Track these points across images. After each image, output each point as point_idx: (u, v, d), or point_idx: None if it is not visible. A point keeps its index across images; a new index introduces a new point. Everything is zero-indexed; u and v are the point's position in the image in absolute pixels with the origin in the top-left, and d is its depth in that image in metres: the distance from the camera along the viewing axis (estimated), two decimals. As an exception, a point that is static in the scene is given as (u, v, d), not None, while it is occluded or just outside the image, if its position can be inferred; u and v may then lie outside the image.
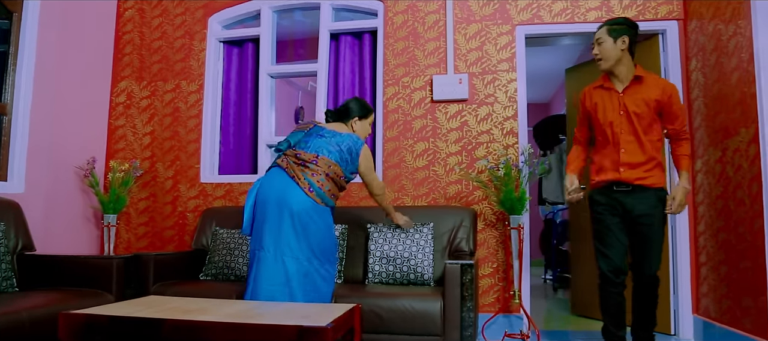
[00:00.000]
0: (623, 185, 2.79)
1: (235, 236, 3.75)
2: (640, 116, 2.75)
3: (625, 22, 2.83)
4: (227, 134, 4.44)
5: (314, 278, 2.79)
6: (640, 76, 2.80)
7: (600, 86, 2.92)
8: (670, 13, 3.81)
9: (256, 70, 4.43)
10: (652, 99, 2.75)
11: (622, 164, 2.78)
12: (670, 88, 2.79)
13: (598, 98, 2.89)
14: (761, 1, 2.91)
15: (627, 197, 2.78)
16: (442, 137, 4.02)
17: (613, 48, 2.79)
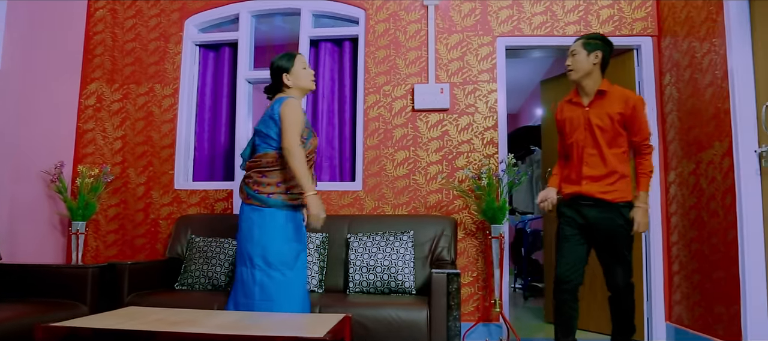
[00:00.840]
0: (586, 198, 2.83)
1: (212, 245, 3.65)
2: (603, 130, 2.80)
3: (600, 39, 2.91)
4: (202, 140, 4.33)
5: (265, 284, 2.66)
6: (603, 90, 2.85)
7: (569, 100, 2.99)
8: (644, 30, 3.94)
9: (232, 75, 4.35)
10: (615, 112, 2.79)
11: (584, 178, 2.83)
12: (634, 100, 2.82)
13: (567, 113, 2.96)
14: (735, 21, 3.03)
15: (591, 210, 2.82)
16: (422, 146, 4.03)
17: (586, 61, 2.85)
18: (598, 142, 2.81)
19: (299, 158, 2.61)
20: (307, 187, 2.60)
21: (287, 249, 2.69)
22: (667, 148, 3.82)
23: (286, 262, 2.68)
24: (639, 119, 2.81)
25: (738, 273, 2.96)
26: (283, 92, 2.82)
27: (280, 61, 2.80)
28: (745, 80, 3.00)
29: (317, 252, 3.55)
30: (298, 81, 2.80)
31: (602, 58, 2.86)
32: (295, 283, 2.71)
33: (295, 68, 2.80)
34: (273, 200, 2.69)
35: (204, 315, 2.38)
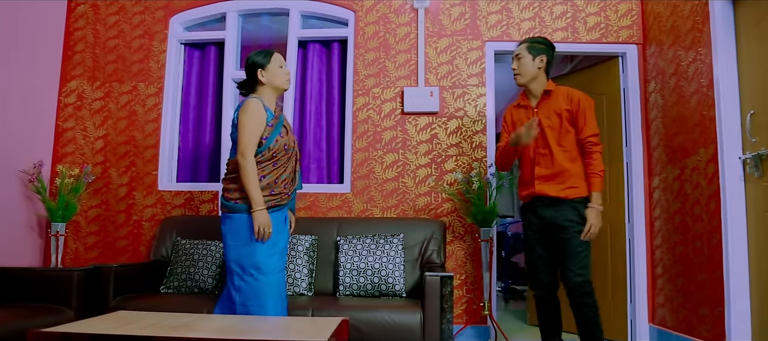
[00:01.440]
0: (541, 198, 2.87)
1: (198, 247, 3.59)
2: (552, 128, 2.85)
3: (544, 42, 2.96)
4: (186, 140, 4.25)
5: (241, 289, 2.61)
6: (549, 90, 2.92)
7: (517, 104, 3.04)
8: (630, 38, 4.02)
9: (218, 74, 4.28)
10: (562, 109, 2.85)
11: (536, 178, 2.87)
12: (578, 96, 2.87)
13: (517, 117, 3.02)
14: (721, 31, 3.12)
15: (547, 209, 2.86)
16: (411, 149, 4.03)
17: (532, 65, 2.91)
18: (548, 141, 2.85)
19: (246, 166, 2.55)
20: (254, 199, 2.54)
21: (259, 254, 2.60)
22: (651, 154, 3.91)
23: (258, 266, 2.60)
24: (584, 114, 2.85)
25: (723, 276, 3.04)
26: (256, 90, 2.74)
27: (256, 57, 2.72)
28: (730, 89, 3.09)
29: (306, 255, 3.51)
30: (273, 79, 2.72)
31: (547, 62, 2.93)
32: (269, 288, 2.62)
33: (271, 65, 2.71)
34: (240, 206, 2.62)
35: (198, 319, 2.33)
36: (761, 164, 2.89)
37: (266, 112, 2.65)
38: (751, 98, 2.99)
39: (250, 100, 2.64)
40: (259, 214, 2.55)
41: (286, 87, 2.78)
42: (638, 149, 3.94)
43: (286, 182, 2.72)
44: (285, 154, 2.70)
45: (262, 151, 2.62)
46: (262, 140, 2.62)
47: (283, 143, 2.68)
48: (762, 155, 2.87)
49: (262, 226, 2.56)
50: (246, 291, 2.60)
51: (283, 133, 2.70)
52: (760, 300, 2.91)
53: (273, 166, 2.66)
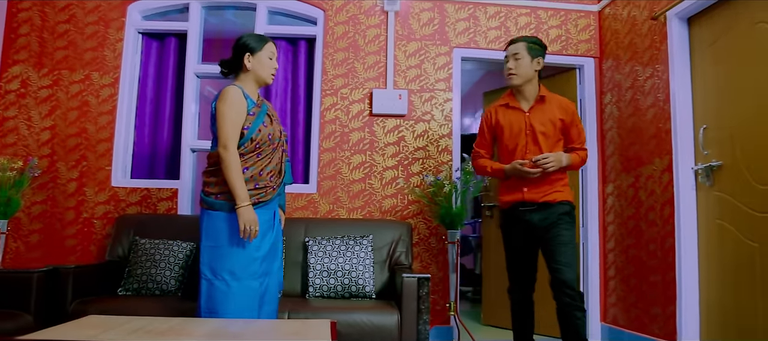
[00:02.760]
0: (528, 204, 2.81)
1: (159, 247, 3.43)
2: (546, 135, 2.80)
3: (541, 44, 2.89)
4: (142, 135, 4.04)
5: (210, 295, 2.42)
6: (544, 95, 2.86)
7: (505, 104, 2.93)
8: (588, 51, 4.24)
9: (177, 67, 4.11)
10: (557, 118, 2.81)
11: (525, 185, 2.81)
12: (572, 107, 2.88)
13: (504, 118, 2.91)
14: (678, 50, 3.36)
15: (533, 214, 2.81)
16: (379, 151, 4.04)
17: (529, 66, 2.82)
18: (540, 148, 2.80)
19: (228, 158, 2.36)
20: (238, 196, 2.35)
21: (236, 257, 2.41)
22: (605, 162, 4.13)
23: (233, 271, 2.40)
24: (577, 125, 2.88)
25: (675, 277, 3.27)
26: (238, 77, 2.56)
27: (249, 39, 2.53)
28: (685, 104, 3.33)
29: (273, 256, 3.44)
30: (259, 68, 2.53)
31: (542, 64, 2.88)
32: (243, 295, 2.40)
33: (261, 53, 2.52)
34: (219, 203, 2.43)
35: (185, 323, 2.23)
36: (712, 174, 3.14)
37: (246, 100, 2.46)
38: (704, 113, 3.23)
39: (229, 88, 2.45)
40: (244, 210, 2.35)
41: (269, 81, 2.59)
42: (593, 157, 4.16)
43: (271, 175, 2.53)
44: (269, 144, 2.50)
45: (244, 142, 2.43)
46: (243, 131, 2.43)
47: (266, 132, 2.48)
48: (713, 167, 3.12)
49: (248, 224, 2.36)
50: (215, 297, 2.38)
51: (266, 122, 2.51)
52: (708, 299, 3.16)
53: (257, 157, 2.46)
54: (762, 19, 2.85)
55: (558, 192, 2.82)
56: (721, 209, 3.06)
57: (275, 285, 2.58)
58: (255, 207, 2.44)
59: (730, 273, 2.99)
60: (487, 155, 3.04)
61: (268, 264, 2.53)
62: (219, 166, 2.41)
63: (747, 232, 2.88)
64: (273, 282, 2.56)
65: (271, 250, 2.55)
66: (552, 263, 2.77)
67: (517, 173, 2.79)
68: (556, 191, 2.82)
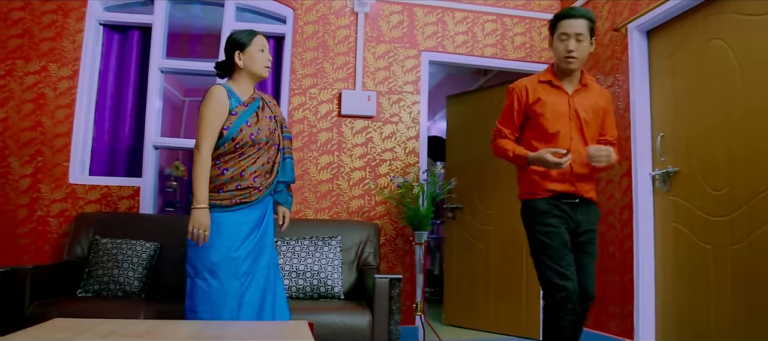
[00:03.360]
0: (572, 196, 2.50)
1: (122, 247, 3.32)
2: (589, 124, 2.53)
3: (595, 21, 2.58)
4: (102, 131, 3.90)
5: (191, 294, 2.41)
6: (586, 81, 2.59)
7: (547, 81, 2.57)
8: (550, 59, 4.38)
9: (140, 61, 3.99)
10: (600, 107, 2.56)
11: (573, 175, 2.49)
12: (609, 95, 2.67)
13: (546, 96, 2.53)
14: (638, 61, 3.52)
15: (577, 210, 2.50)
16: (347, 152, 4.05)
17: (588, 49, 2.53)
18: (584, 137, 2.52)
19: (196, 158, 2.35)
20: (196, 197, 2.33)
21: (216, 256, 2.38)
22: (565, 166, 4.27)
23: (213, 270, 2.38)
24: (612, 115, 2.65)
25: (633, 278, 3.43)
26: (232, 77, 2.54)
27: (238, 36, 2.50)
28: (644, 113, 3.49)
29: (241, 256, 3.39)
30: (251, 64, 2.49)
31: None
32: (224, 294, 2.37)
33: (250, 48, 2.49)
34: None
35: (162, 326, 2.18)
36: (669, 180, 3.31)
37: (230, 99, 2.43)
38: (662, 122, 3.41)
39: (213, 87, 2.43)
40: (196, 212, 2.32)
41: (265, 75, 2.55)
42: (554, 161, 4.29)
43: (256, 175, 2.47)
44: (253, 145, 2.45)
45: (225, 142, 2.40)
46: (222, 131, 2.40)
47: (249, 133, 2.42)
48: (670, 173, 3.29)
49: (197, 226, 2.32)
50: (196, 295, 2.38)
51: (251, 121, 2.45)
52: (664, 298, 3.33)
53: (239, 157, 2.43)
54: (716, 36, 3.03)
55: (594, 189, 2.61)
56: (677, 213, 3.24)
57: (261, 286, 2.50)
58: (238, 208, 2.42)
59: (685, 273, 3.17)
60: (511, 136, 2.64)
61: (250, 263, 2.47)
62: None
63: (701, 235, 3.06)
64: (257, 282, 2.49)
65: (256, 250, 2.50)
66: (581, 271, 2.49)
67: (544, 164, 2.42)
68: (593, 189, 2.60)
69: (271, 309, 2.53)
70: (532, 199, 2.55)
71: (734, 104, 2.88)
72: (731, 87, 2.90)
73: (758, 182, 2.72)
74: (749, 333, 2.73)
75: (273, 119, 2.59)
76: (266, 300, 2.53)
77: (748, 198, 2.77)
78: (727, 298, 2.87)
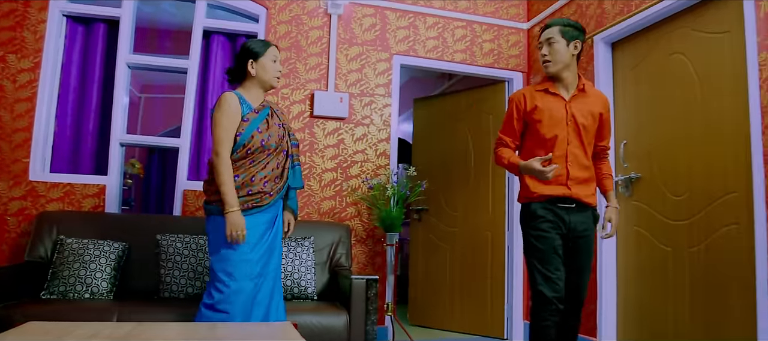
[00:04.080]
0: (569, 201, 2.55)
1: (89, 247, 3.21)
2: (587, 129, 2.58)
3: (578, 26, 2.62)
4: (64, 126, 3.75)
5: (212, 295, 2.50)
6: (584, 86, 2.63)
7: (544, 89, 2.63)
8: (517, 66, 4.52)
9: (106, 55, 3.86)
10: (597, 112, 2.61)
11: (570, 179, 2.54)
12: (608, 101, 2.70)
13: (542, 103, 2.60)
14: (603, 69, 3.69)
15: (570, 214, 2.55)
16: (318, 153, 4.05)
17: (565, 51, 2.56)
18: (582, 141, 2.57)
19: (219, 165, 2.44)
20: (227, 201, 2.41)
21: (232, 259, 2.48)
22: (530, 170, 4.41)
23: (229, 272, 2.47)
24: (609, 122, 2.71)
25: (596, 279, 3.59)
26: (242, 83, 2.64)
27: (253, 45, 2.60)
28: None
29: (212, 257, 3.35)
30: (263, 73, 2.60)
31: (581, 49, 2.62)
32: (238, 296, 2.47)
33: (264, 58, 2.60)
34: (215, 207, 2.52)
35: (149, 328, 2.14)
36: (631, 185, 3.48)
37: (242, 106, 2.52)
38: (625, 129, 3.58)
39: (225, 94, 2.52)
40: (231, 216, 2.42)
41: (275, 84, 2.67)
42: (519, 165, 4.43)
43: (266, 180, 2.54)
44: (263, 151, 2.53)
45: (237, 148, 2.49)
46: (236, 137, 2.49)
47: (259, 139, 2.51)
48: (632, 179, 3.46)
49: (234, 229, 2.42)
50: (214, 297, 2.47)
51: (262, 128, 2.54)
52: (625, 298, 3.50)
53: (249, 163, 2.52)
54: (677, 51, 3.22)
55: (594, 195, 2.64)
56: (639, 217, 3.41)
57: (270, 287, 2.62)
58: (249, 212, 2.50)
59: (646, 274, 3.34)
60: (513, 145, 2.72)
61: (262, 265, 2.57)
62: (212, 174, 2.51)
63: (661, 238, 3.24)
64: (267, 284, 2.60)
65: (267, 252, 2.60)
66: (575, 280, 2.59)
67: (532, 173, 2.50)
68: (593, 194, 2.63)
69: (275, 309, 2.65)
70: (528, 203, 2.63)
71: (694, 115, 3.07)
72: (691, 99, 3.09)
73: (716, 188, 2.91)
74: (706, 330, 2.92)
75: (281, 126, 2.67)
76: (273, 299, 2.65)
77: (706, 204, 2.96)
78: (685, 297, 3.05)
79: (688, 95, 3.12)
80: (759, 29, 2.66)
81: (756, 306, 2.61)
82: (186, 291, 3.24)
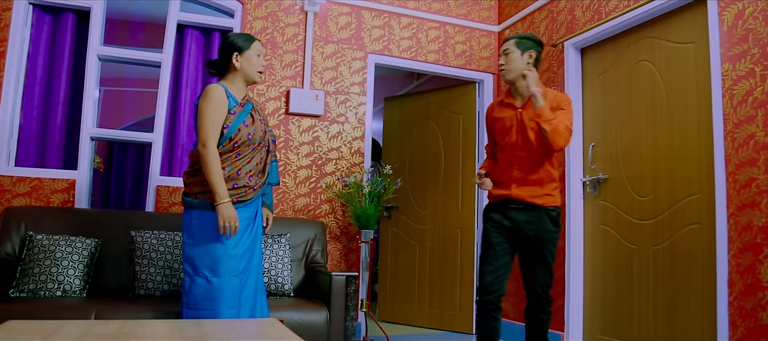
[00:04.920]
0: (515, 202, 2.74)
1: (60, 244, 3.12)
2: (536, 131, 2.69)
3: (533, 38, 2.81)
4: (30, 118, 3.62)
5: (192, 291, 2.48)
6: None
7: (501, 100, 2.88)
8: (488, 68, 4.64)
9: (75, 47, 3.75)
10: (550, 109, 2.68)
11: (513, 181, 2.75)
12: (564, 99, 2.76)
13: (499, 113, 2.85)
14: (573, 74, 3.84)
15: (519, 214, 2.73)
16: (293, 150, 4.06)
17: (520, 60, 2.74)
18: (530, 145, 2.71)
19: (207, 156, 2.40)
20: (217, 193, 2.39)
21: (216, 254, 2.46)
22: (500, 170, 4.54)
23: (213, 267, 2.45)
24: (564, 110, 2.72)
25: (564, 275, 3.74)
26: (226, 76, 2.60)
27: (237, 39, 2.58)
28: (577, 124, 3.81)
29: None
30: (248, 67, 2.57)
31: (535, 58, 2.78)
32: (224, 291, 2.45)
33: (249, 52, 2.57)
34: (198, 201, 2.49)
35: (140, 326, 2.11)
36: (598, 186, 3.65)
37: (229, 99, 2.49)
38: (593, 132, 3.74)
39: (211, 85, 2.49)
40: (223, 207, 2.39)
41: (258, 79, 2.64)
42: (489, 165, 4.56)
43: (251, 174, 2.54)
44: (249, 144, 2.53)
45: (223, 141, 2.47)
46: (223, 129, 2.46)
47: (246, 132, 2.50)
48: (600, 179, 3.62)
49: (227, 220, 2.40)
50: (196, 294, 2.43)
51: (248, 122, 2.53)
52: (592, 294, 3.66)
53: (235, 157, 2.50)
54: (644, 59, 3.39)
55: (548, 196, 2.75)
56: (606, 216, 3.58)
57: (253, 282, 2.61)
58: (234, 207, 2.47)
59: (612, 270, 3.51)
60: (490, 152, 3.00)
61: (246, 261, 2.56)
62: (198, 165, 2.46)
63: (627, 236, 3.41)
64: (251, 279, 2.59)
65: (250, 248, 2.59)
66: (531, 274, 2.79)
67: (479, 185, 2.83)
68: (546, 194, 2.75)
69: (260, 305, 2.64)
70: (488, 203, 2.93)
71: (659, 119, 3.25)
72: (657, 104, 3.27)
73: (679, 190, 3.09)
74: (668, 323, 3.10)
75: (263, 121, 2.67)
76: (258, 295, 2.64)
77: (670, 204, 3.14)
78: (650, 293, 3.23)
79: (654, 101, 3.29)
80: (722, 41, 2.85)
81: (716, 301, 2.79)
82: (162, 287, 3.20)
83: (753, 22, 2.72)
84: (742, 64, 2.76)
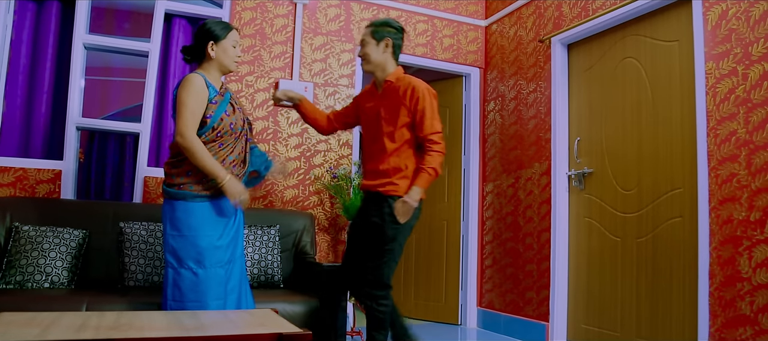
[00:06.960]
0: (365, 191, 2.78)
1: (47, 235, 3.09)
2: (388, 121, 2.64)
3: (389, 24, 2.73)
4: (13, 107, 3.56)
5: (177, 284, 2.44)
6: (390, 80, 2.69)
7: (368, 90, 2.86)
8: (475, 62, 4.68)
9: (60, 36, 3.68)
10: (399, 104, 2.62)
11: (367, 171, 2.77)
12: (418, 94, 2.60)
13: (363, 102, 2.85)
14: (559, 71, 3.90)
15: (367, 203, 2.74)
16: (282, 141, 4.05)
17: (376, 50, 2.69)
18: (382, 134, 2.66)
19: (190, 145, 2.35)
20: (217, 175, 2.38)
21: (201, 245, 2.43)
22: (486, 163, 4.61)
23: (198, 259, 2.43)
24: (422, 112, 2.59)
25: (550, 266, 3.82)
26: (202, 65, 2.55)
27: (213, 27, 2.51)
28: (563, 118, 3.88)
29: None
30: (223, 57, 2.52)
31: (393, 45, 2.70)
32: (210, 282, 2.44)
33: (225, 42, 2.52)
34: (182, 193, 2.44)
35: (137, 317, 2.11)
36: (583, 179, 3.73)
37: (208, 88, 2.45)
38: (578, 127, 3.82)
39: (191, 75, 2.44)
40: (228, 185, 2.38)
41: (233, 69, 2.59)
42: (475, 158, 4.62)
43: (234, 164, 2.53)
44: (231, 134, 2.50)
45: (206, 131, 2.42)
46: (205, 119, 2.42)
47: (228, 122, 2.47)
48: (585, 173, 3.71)
49: (237, 195, 2.41)
50: (181, 285, 2.40)
51: (229, 111, 2.50)
52: (576, 285, 3.75)
53: (219, 147, 2.47)
54: (629, 55, 3.46)
55: (390, 184, 2.63)
56: (591, 209, 3.66)
57: (238, 273, 2.59)
58: (218, 197, 2.46)
59: (596, 262, 3.60)
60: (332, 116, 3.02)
61: (231, 251, 2.55)
62: (181, 156, 2.42)
63: (611, 229, 3.49)
64: (236, 270, 2.58)
65: (234, 239, 2.58)
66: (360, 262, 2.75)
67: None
68: (388, 183, 2.64)
69: (245, 295, 2.63)
70: None
71: (644, 115, 3.33)
72: (642, 101, 3.35)
73: (663, 184, 3.18)
74: (651, 313, 3.19)
75: (241, 110, 2.64)
76: (243, 286, 2.63)
77: (653, 198, 3.23)
78: (633, 284, 3.32)
79: (639, 97, 3.37)
80: (706, 40, 2.93)
81: (697, 291, 2.89)
82: (152, 279, 3.18)
83: (736, 22, 2.81)
84: (725, 63, 2.85)
